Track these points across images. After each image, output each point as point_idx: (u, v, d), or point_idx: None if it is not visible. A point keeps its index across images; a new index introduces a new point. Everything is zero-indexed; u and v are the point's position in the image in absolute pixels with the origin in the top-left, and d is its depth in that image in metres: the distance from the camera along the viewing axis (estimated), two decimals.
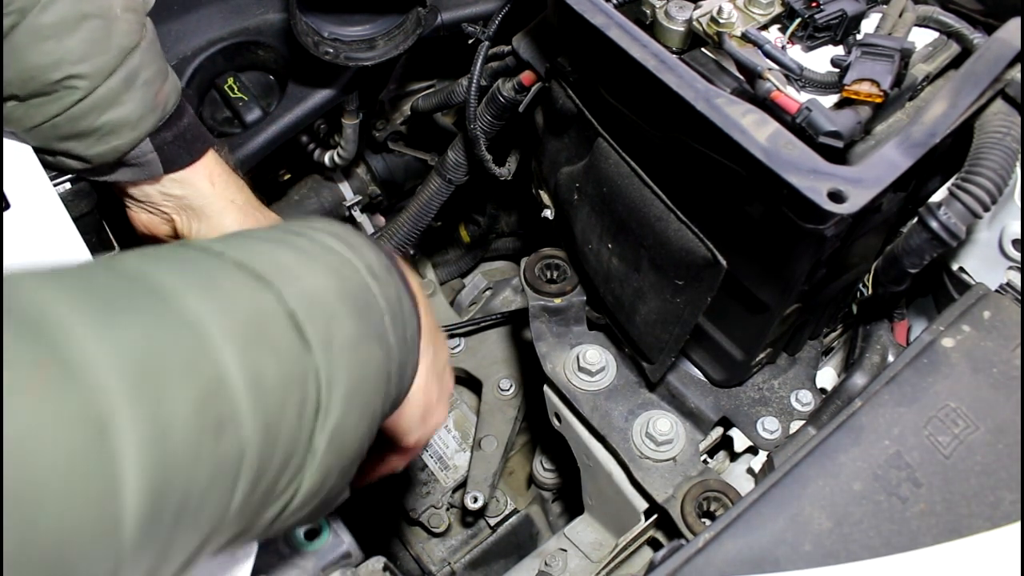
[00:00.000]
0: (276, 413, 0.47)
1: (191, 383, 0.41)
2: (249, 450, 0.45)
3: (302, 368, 0.50)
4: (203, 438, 0.41)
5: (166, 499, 0.39)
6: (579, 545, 1.03)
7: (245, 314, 0.47)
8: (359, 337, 0.55)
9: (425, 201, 1.11)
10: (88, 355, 0.37)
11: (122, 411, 0.37)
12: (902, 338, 0.86)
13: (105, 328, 0.39)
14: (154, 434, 0.38)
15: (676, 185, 0.72)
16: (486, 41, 0.91)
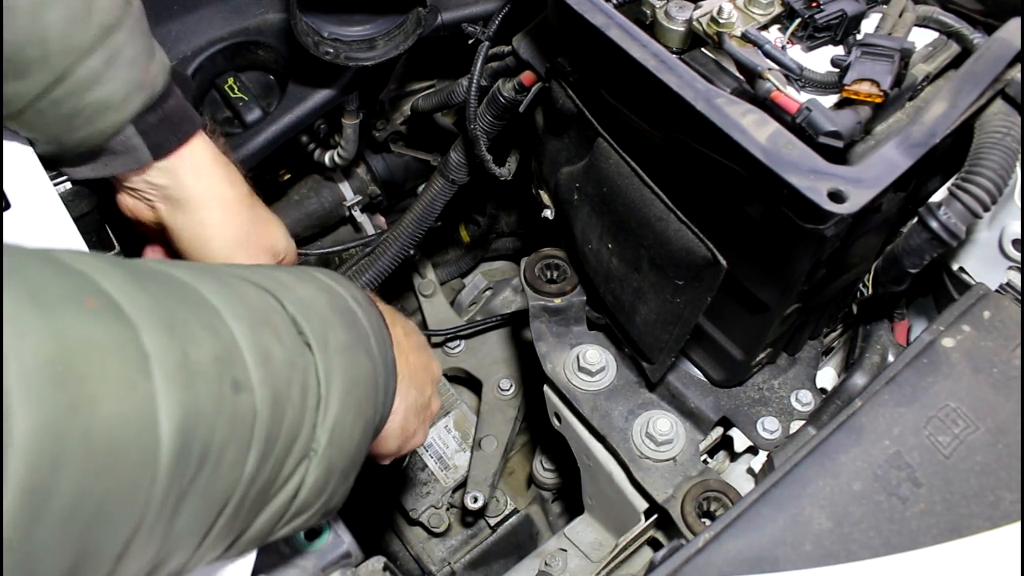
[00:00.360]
0: (283, 390, 0.51)
1: (211, 342, 0.46)
2: (260, 416, 0.48)
3: (303, 360, 0.54)
4: (223, 391, 0.45)
5: (192, 440, 0.43)
6: (579, 545, 1.03)
7: (252, 305, 0.52)
8: (350, 344, 0.60)
9: (429, 202, 1.11)
10: (126, 298, 0.42)
11: (158, 348, 0.41)
12: (902, 338, 0.86)
13: (137, 287, 0.44)
14: (185, 375, 0.42)
15: (676, 185, 0.72)
16: (486, 41, 0.91)
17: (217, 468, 0.46)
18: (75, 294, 0.40)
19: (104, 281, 0.43)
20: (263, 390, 0.49)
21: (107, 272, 0.44)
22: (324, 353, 0.56)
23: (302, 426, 0.53)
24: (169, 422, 0.41)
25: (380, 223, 1.34)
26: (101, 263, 0.45)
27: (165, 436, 0.41)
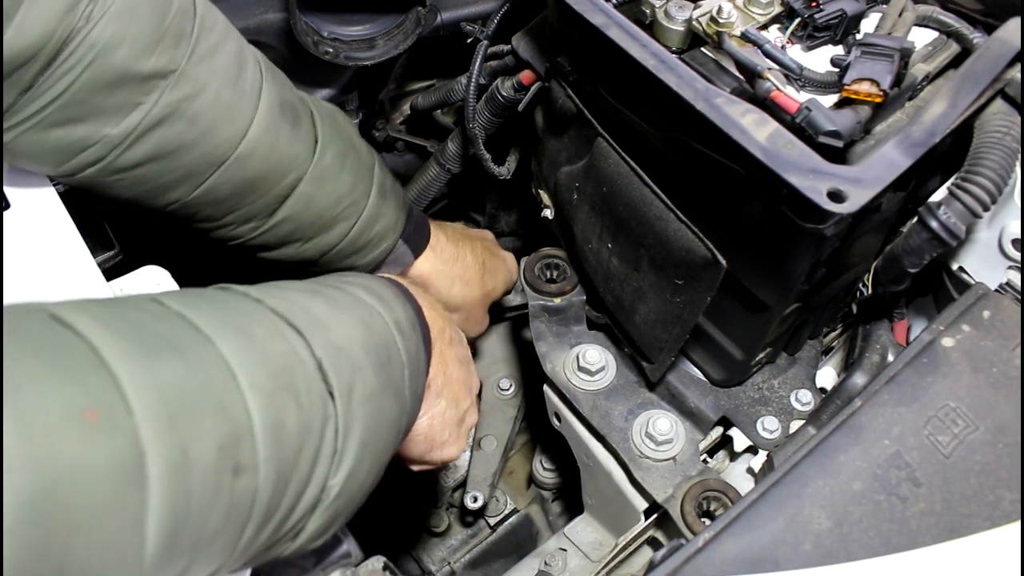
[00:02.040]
0: (290, 462, 0.51)
1: (218, 427, 0.45)
2: (261, 494, 0.48)
3: (323, 416, 0.54)
4: (222, 479, 0.45)
5: (184, 532, 0.42)
6: (579, 545, 1.03)
7: (275, 363, 0.51)
8: (379, 390, 0.60)
9: (422, 187, 1.12)
10: (131, 384, 0.41)
11: (156, 445, 0.41)
12: (902, 338, 0.86)
13: (147, 362, 0.43)
14: (179, 474, 0.42)
15: (676, 185, 0.72)
16: (485, 40, 0.91)
17: (208, 549, 0.46)
18: (75, 407, 0.39)
19: (114, 363, 0.42)
20: (268, 467, 0.48)
21: (116, 346, 0.42)
22: (347, 403, 0.56)
23: (309, 485, 0.53)
24: (157, 525, 0.41)
25: None
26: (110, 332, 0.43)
27: (151, 539, 0.40)
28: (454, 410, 0.82)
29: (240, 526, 0.48)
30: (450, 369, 0.80)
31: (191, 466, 0.43)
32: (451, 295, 1.01)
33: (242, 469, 0.46)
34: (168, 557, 0.42)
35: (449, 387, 0.81)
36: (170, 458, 0.41)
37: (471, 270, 1.02)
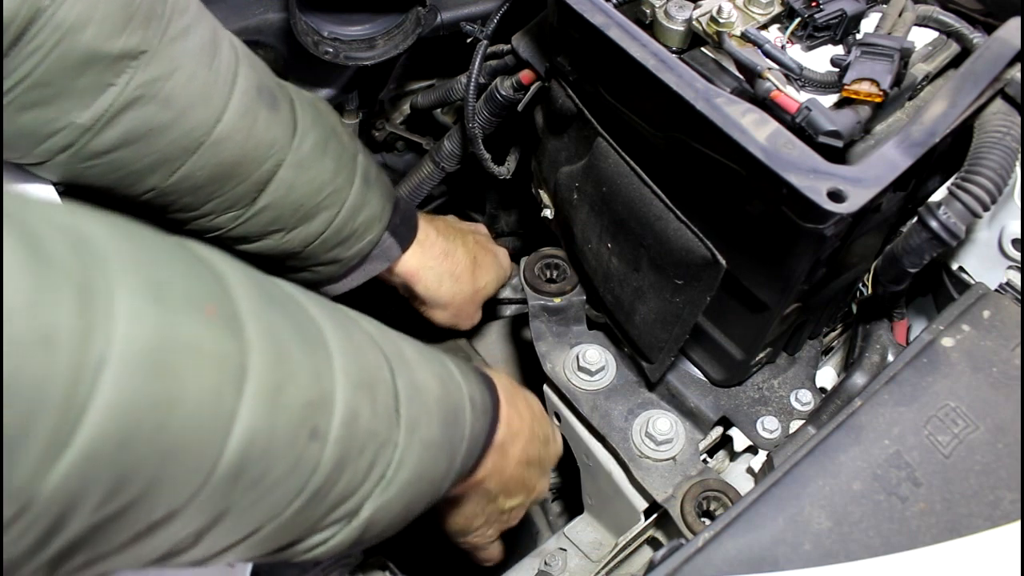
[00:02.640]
0: (353, 454, 0.53)
1: (310, 386, 0.48)
2: (320, 471, 0.50)
3: (387, 435, 0.56)
4: (299, 433, 0.47)
5: (252, 465, 0.45)
6: (579, 545, 1.03)
7: (364, 365, 0.54)
8: (438, 443, 0.62)
9: (416, 184, 1.12)
10: (248, 313, 0.45)
11: (260, 371, 0.44)
12: (902, 338, 0.86)
13: (267, 308, 0.47)
14: (271, 406, 0.45)
15: (676, 185, 0.72)
16: (484, 40, 0.91)
17: (260, 501, 0.47)
18: (198, 298, 0.42)
19: (236, 291, 0.46)
20: (334, 448, 0.50)
21: (244, 285, 0.47)
22: (409, 439, 0.58)
23: (355, 494, 0.55)
24: (238, 441, 0.43)
25: None
26: (241, 274, 0.48)
27: (230, 451, 0.43)
28: (496, 505, 0.83)
29: (293, 493, 0.49)
30: (511, 468, 0.79)
31: (281, 404, 0.46)
32: (440, 291, 1.00)
33: (317, 435, 0.49)
34: (233, 479, 0.44)
35: (501, 482, 0.80)
36: (267, 385, 0.44)
37: (461, 266, 1.01)
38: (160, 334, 0.39)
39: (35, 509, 0.36)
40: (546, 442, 0.86)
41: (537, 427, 0.83)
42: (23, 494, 0.35)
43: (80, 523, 0.39)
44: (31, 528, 0.37)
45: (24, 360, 0.34)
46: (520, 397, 0.81)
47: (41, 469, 0.36)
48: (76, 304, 0.36)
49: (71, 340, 0.35)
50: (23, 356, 0.34)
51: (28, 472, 0.35)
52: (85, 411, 0.36)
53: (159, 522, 0.43)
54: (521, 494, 0.85)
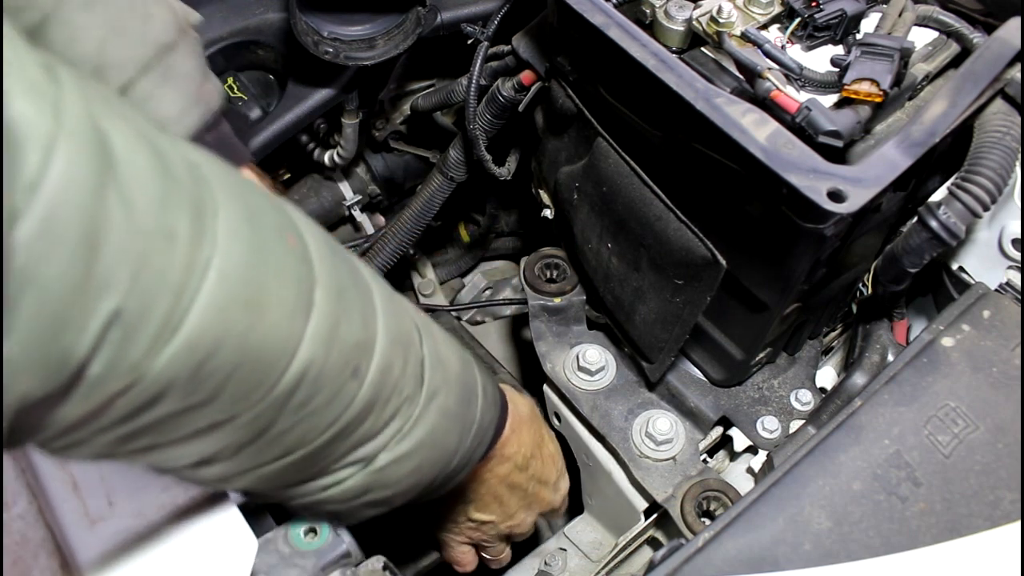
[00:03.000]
0: (381, 400, 0.57)
1: (360, 328, 0.54)
2: (352, 407, 0.55)
3: (411, 391, 0.60)
4: (345, 369, 0.53)
5: (305, 384, 0.50)
6: (579, 545, 1.03)
7: (401, 325, 0.59)
8: (452, 413, 0.66)
9: (427, 199, 1.11)
10: (316, 253, 0.50)
11: (323, 304, 0.49)
12: (902, 337, 0.86)
13: (329, 252, 0.52)
14: (328, 338, 0.50)
15: (676, 185, 0.72)
16: (485, 41, 0.91)
17: (299, 425, 0.52)
18: (282, 229, 0.48)
19: (305, 232, 0.51)
20: (368, 390, 0.55)
21: (310, 228, 0.52)
22: (428, 401, 0.62)
23: (374, 438, 0.59)
24: (299, 363, 0.48)
25: (380, 222, 1.34)
26: (307, 220, 0.53)
27: (291, 371, 0.48)
28: (464, 506, 0.84)
29: (327, 424, 0.54)
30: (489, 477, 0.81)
31: (336, 338, 0.50)
32: None
33: (357, 374, 0.54)
34: (286, 399, 0.49)
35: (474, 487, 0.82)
36: (328, 318, 0.50)
37: None
38: (253, 250, 0.44)
39: (140, 386, 0.41)
40: (542, 482, 0.87)
41: (538, 465, 0.85)
42: (136, 370, 0.40)
43: (165, 408, 0.43)
44: (130, 402, 0.42)
45: (151, 248, 0.39)
46: (530, 429, 0.82)
47: (153, 349, 0.40)
48: (191, 212, 0.41)
49: (187, 240, 0.41)
50: (151, 245, 0.39)
51: (142, 350, 0.40)
52: (193, 303, 0.41)
53: (217, 424, 0.47)
54: (495, 513, 0.86)
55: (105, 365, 0.39)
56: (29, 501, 0.69)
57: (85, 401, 0.40)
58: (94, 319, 0.38)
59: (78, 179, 0.36)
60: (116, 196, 0.37)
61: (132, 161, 0.39)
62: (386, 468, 0.62)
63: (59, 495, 0.67)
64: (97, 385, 0.40)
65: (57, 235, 0.35)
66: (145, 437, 0.46)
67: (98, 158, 0.37)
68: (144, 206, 0.39)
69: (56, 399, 0.39)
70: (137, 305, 0.39)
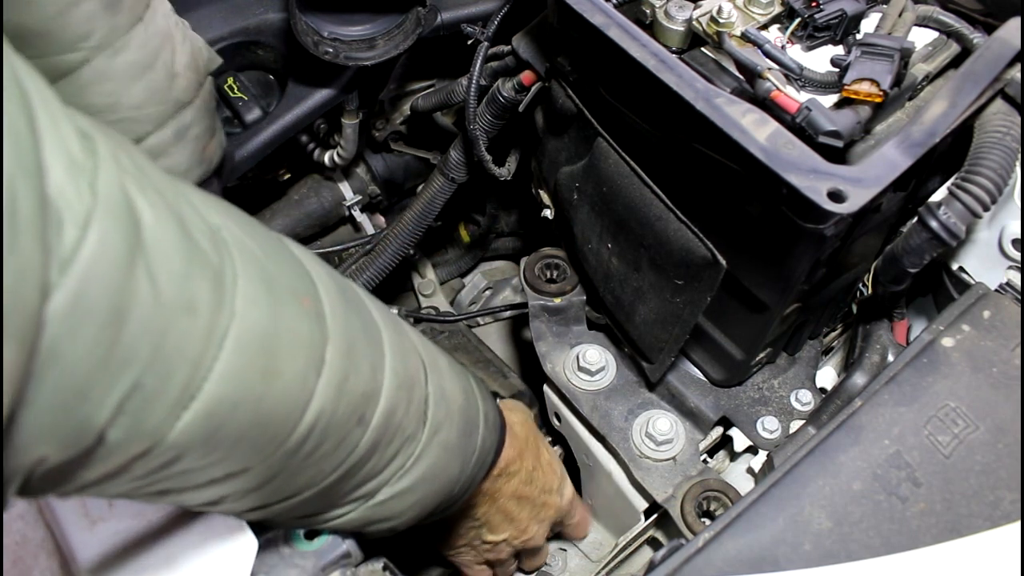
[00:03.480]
0: (383, 444, 0.59)
1: (368, 379, 0.56)
2: (358, 451, 0.57)
3: (413, 431, 0.63)
4: (352, 418, 0.55)
5: (315, 435, 0.52)
6: (579, 545, 1.03)
7: (407, 367, 0.61)
8: (454, 447, 0.68)
9: (428, 200, 1.11)
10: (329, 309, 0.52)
11: (334, 361, 0.51)
12: (902, 338, 0.86)
13: (342, 306, 0.54)
14: (338, 392, 0.52)
15: (676, 185, 0.72)
16: (485, 41, 0.91)
17: (307, 470, 0.55)
18: (297, 291, 0.50)
19: (321, 289, 0.53)
20: (372, 435, 0.57)
21: (325, 283, 0.54)
22: (430, 438, 0.64)
23: (376, 477, 0.62)
24: (310, 417, 0.50)
25: (380, 223, 1.34)
26: (325, 273, 0.55)
27: (303, 423, 0.50)
28: (477, 530, 0.87)
29: (332, 468, 0.56)
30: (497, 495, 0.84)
31: (345, 391, 0.52)
32: None
33: (363, 422, 0.56)
34: (296, 449, 0.51)
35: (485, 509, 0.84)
36: (338, 374, 0.52)
37: None
38: (270, 318, 0.46)
39: (158, 450, 0.42)
40: (547, 491, 0.89)
41: (540, 475, 0.87)
42: (153, 436, 0.42)
43: (182, 466, 0.45)
44: (148, 464, 0.43)
45: (173, 321, 0.40)
46: (527, 441, 0.84)
47: (171, 416, 0.42)
48: (212, 283, 0.43)
49: (207, 311, 0.42)
50: (172, 318, 0.40)
51: (160, 418, 0.41)
52: (211, 371, 0.42)
53: (231, 474, 0.50)
54: (508, 530, 0.88)
55: (123, 432, 0.40)
56: (29, 501, 0.69)
57: (103, 464, 0.41)
58: (114, 392, 0.38)
59: (110, 255, 0.36)
60: (143, 271, 0.38)
61: (159, 235, 0.40)
62: (387, 502, 0.64)
63: None
64: (115, 450, 0.41)
65: (86, 310, 0.36)
66: (160, 485, 0.47)
67: (129, 234, 0.38)
68: (168, 280, 0.40)
69: (75, 464, 0.40)
70: (157, 377, 0.40)
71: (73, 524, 0.66)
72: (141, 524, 0.67)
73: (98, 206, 0.36)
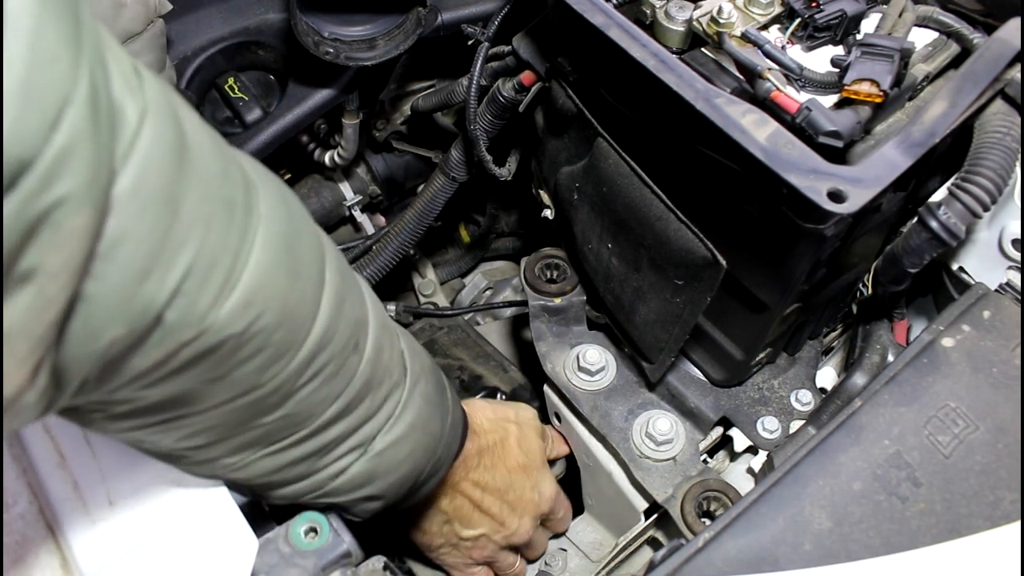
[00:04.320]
0: (374, 382, 0.64)
1: (358, 307, 0.62)
2: (353, 384, 0.61)
3: (398, 378, 0.67)
4: (349, 342, 0.59)
5: (319, 355, 0.56)
6: (579, 545, 1.03)
7: (383, 314, 0.67)
8: (433, 399, 0.73)
9: (429, 199, 1.11)
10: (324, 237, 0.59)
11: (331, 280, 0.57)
12: (902, 338, 0.86)
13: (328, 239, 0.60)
14: (337, 308, 0.57)
15: (676, 185, 0.72)
16: (486, 42, 0.91)
17: (314, 394, 0.58)
18: (303, 209, 0.57)
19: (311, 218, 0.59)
20: (366, 367, 0.62)
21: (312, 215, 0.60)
22: (413, 387, 0.69)
23: (370, 420, 0.65)
24: (318, 328, 0.55)
25: (380, 223, 1.34)
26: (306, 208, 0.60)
27: (312, 335, 0.55)
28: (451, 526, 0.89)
29: (335, 395, 0.60)
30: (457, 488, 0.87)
31: (342, 312, 0.58)
32: None
33: (357, 348, 0.61)
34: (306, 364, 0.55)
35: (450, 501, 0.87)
36: (337, 291, 0.57)
37: None
38: (288, 223, 0.52)
39: (203, 337, 0.47)
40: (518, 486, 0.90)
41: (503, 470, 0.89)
42: (202, 320, 0.46)
43: (211, 364, 0.49)
44: (192, 352, 0.47)
45: (216, 213, 0.46)
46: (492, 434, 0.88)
47: (217, 302, 0.47)
48: (243, 186, 0.49)
49: (241, 209, 0.48)
50: (216, 210, 0.46)
51: (208, 302, 0.46)
52: (247, 264, 0.48)
53: (245, 392, 0.53)
54: (482, 524, 0.89)
55: (178, 314, 0.45)
56: (29, 501, 0.69)
57: (157, 348, 0.45)
58: (172, 273, 0.43)
59: (162, 146, 0.42)
60: (190, 166, 0.44)
61: (199, 139, 0.46)
62: (384, 452, 0.67)
63: (59, 495, 0.67)
64: (170, 333, 0.45)
65: (146, 193, 0.41)
66: (186, 406, 0.52)
67: (176, 132, 0.43)
68: (210, 177, 0.46)
69: (135, 346, 0.44)
70: (205, 262, 0.45)
71: (73, 524, 0.66)
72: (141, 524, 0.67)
73: (149, 107, 0.41)
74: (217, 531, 0.67)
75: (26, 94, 0.33)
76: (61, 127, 0.35)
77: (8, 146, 0.33)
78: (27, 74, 0.33)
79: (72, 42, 0.36)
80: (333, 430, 0.63)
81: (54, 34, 0.35)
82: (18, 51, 0.33)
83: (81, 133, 0.36)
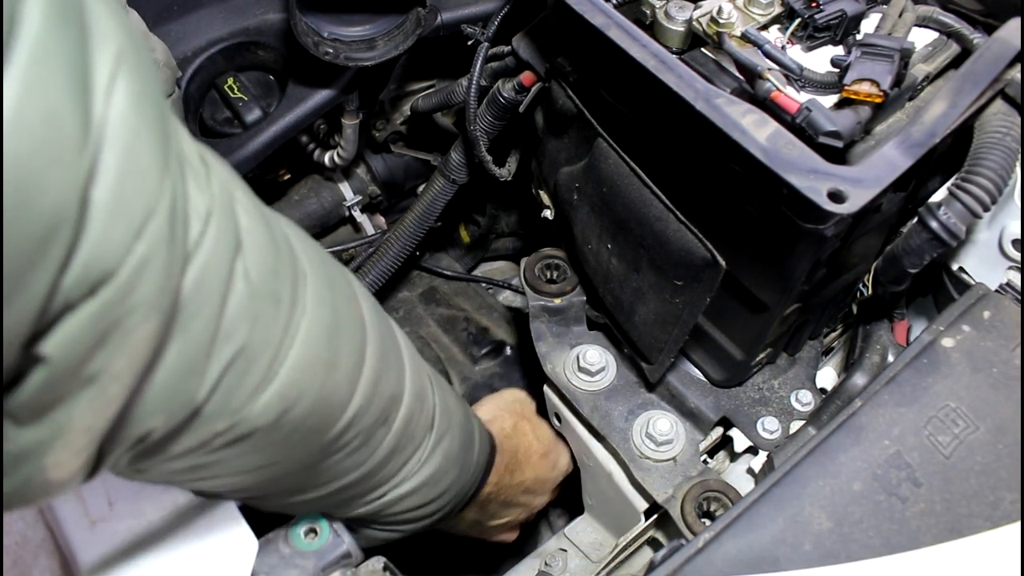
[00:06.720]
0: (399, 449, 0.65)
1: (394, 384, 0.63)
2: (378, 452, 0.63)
3: (421, 440, 0.69)
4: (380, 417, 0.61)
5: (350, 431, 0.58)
6: (579, 545, 1.03)
7: (420, 382, 0.68)
8: (455, 455, 0.74)
9: (429, 202, 1.11)
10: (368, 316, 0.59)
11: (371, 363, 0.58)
12: (902, 338, 0.86)
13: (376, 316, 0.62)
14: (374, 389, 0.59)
15: (676, 185, 0.72)
16: (485, 42, 0.91)
17: (340, 463, 0.60)
18: (350, 296, 0.57)
19: (361, 298, 0.59)
20: (392, 438, 0.63)
21: (362, 292, 0.60)
22: (435, 445, 0.70)
23: (388, 481, 0.67)
24: (351, 410, 0.56)
25: (380, 223, 1.34)
26: (357, 282, 0.61)
27: (344, 418, 0.56)
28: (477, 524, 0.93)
29: (358, 463, 0.62)
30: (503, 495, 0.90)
31: (376, 392, 0.58)
32: None
33: (387, 422, 0.62)
34: (337, 438, 0.57)
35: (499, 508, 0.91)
36: (375, 373, 0.58)
37: None
38: (332, 315, 0.52)
39: (236, 429, 0.47)
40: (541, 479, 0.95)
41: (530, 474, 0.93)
42: (238, 413, 0.46)
43: (241, 449, 0.49)
44: (223, 441, 0.48)
45: (262, 309, 0.46)
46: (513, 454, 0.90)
47: (254, 396, 0.47)
48: (291, 280, 0.49)
49: (287, 304, 0.48)
50: (262, 306, 0.46)
51: (246, 395, 0.46)
52: (287, 358, 0.48)
53: (272, 463, 0.54)
54: (509, 515, 0.96)
55: (216, 407, 0.45)
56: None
57: (190, 438, 0.46)
58: (215, 367, 0.43)
59: (222, 245, 0.42)
60: (241, 263, 0.44)
61: (253, 235, 0.46)
62: (391, 501, 0.69)
63: None
64: (205, 423, 0.45)
65: (206, 290, 0.41)
66: (210, 469, 0.52)
67: (234, 230, 0.44)
68: (260, 273, 0.46)
69: (171, 436, 0.45)
70: (246, 359, 0.45)
71: (73, 524, 0.66)
72: (141, 524, 0.67)
73: (215, 205, 0.42)
74: (217, 531, 0.67)
75: (115, 207, 0.33)
76: (144, 238, 0.35)
77: (92, 257, 0.33)
78: (119, 186, 0.33)
79: (161, 154, 0.36)
80: (350, 490, 0.65)
81: (147, 147, 0.35)
82: (113, 163, 0.33)
83: (160, 242, 0.36)
